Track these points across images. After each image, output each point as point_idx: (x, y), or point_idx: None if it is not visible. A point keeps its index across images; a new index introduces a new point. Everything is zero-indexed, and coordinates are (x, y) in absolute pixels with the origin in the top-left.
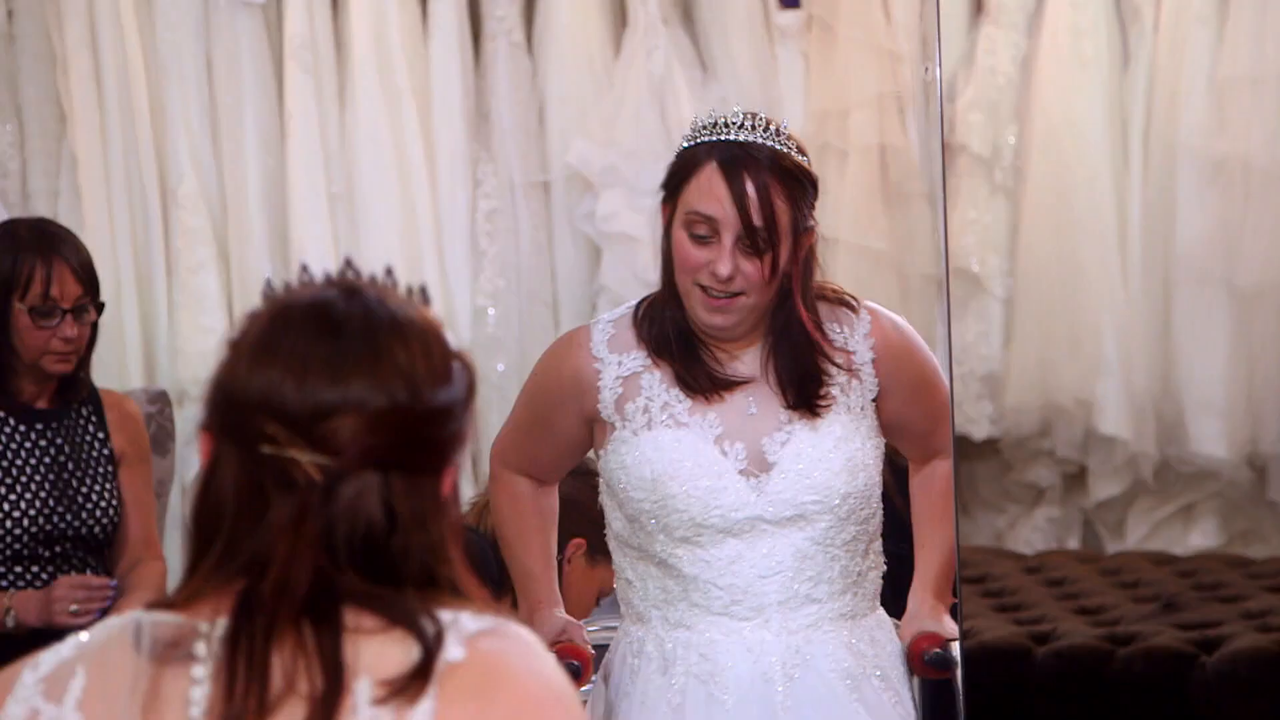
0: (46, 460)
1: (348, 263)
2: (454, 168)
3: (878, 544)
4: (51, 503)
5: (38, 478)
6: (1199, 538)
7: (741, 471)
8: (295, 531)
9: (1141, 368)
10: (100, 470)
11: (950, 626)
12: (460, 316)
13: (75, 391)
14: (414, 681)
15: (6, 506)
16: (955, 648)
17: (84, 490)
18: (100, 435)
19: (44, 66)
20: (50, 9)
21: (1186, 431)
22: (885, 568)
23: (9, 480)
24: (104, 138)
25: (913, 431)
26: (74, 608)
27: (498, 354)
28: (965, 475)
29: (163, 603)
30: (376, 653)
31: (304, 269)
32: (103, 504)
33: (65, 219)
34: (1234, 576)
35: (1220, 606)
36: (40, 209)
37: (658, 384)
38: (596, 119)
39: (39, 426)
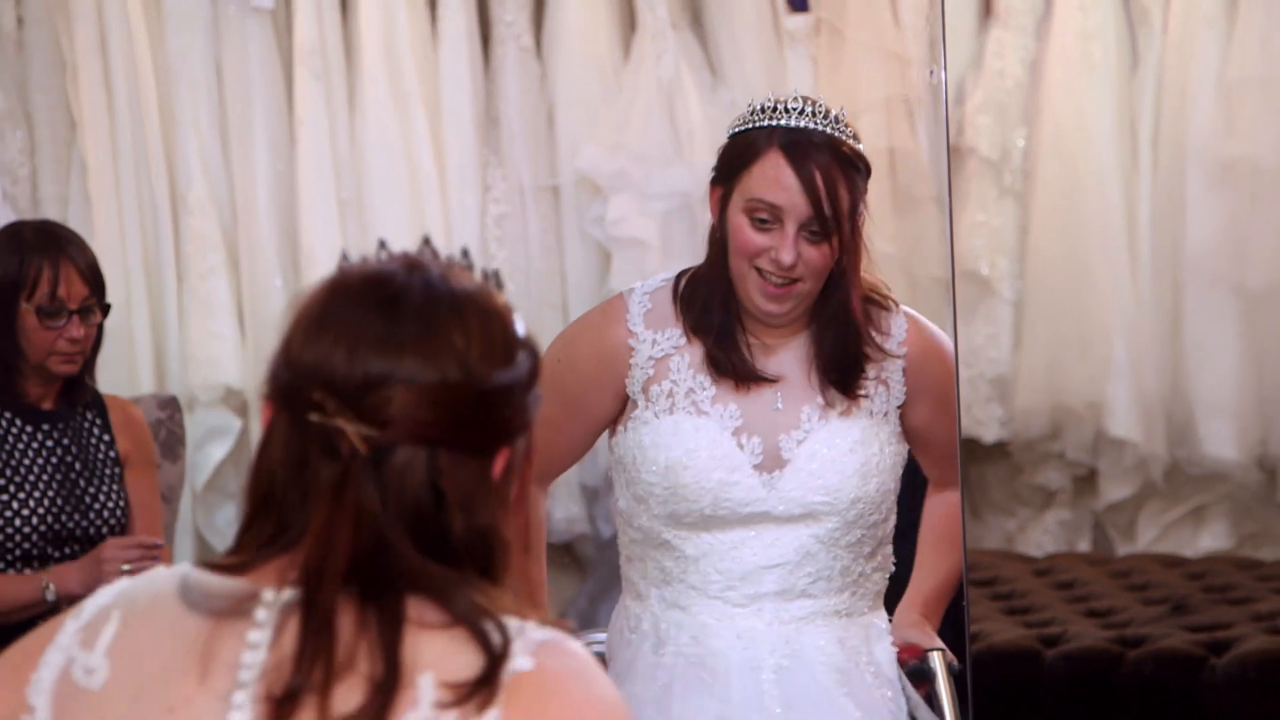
0: (54, 461)
1: (426, 240)
2: (463, 173)
3: (887, 548)
4: (60, 503)
5: (45, 478)
6: (1209, 540)
7: (756, 466)
8: (335, 500)
9: (1151, 370)
10: (107, 472)
11: (932, 638)
12: None
13: (80, 394)
14: (481, 689)
15: (15, 505)
16: (936, 659)
17: (91, 491)
18: (105, 438)
19: (54, 73)
20: (60, 15)
21: (1196, 433)
22: (894, 569)
23: (17, 480)
24: (114, 144)
25: (934, 447)
26: (126, 566)
27: None
28: (975, 478)
29: (213, 565)
30: (441, 651)
31: (382, 244)
32: (110, 505)
33: (75, 225)
34: (1244, 579)
35: (1230, 608)
36: (51, 214)
37: (686, 368)
38: (606, 123)
39: (45, 427)
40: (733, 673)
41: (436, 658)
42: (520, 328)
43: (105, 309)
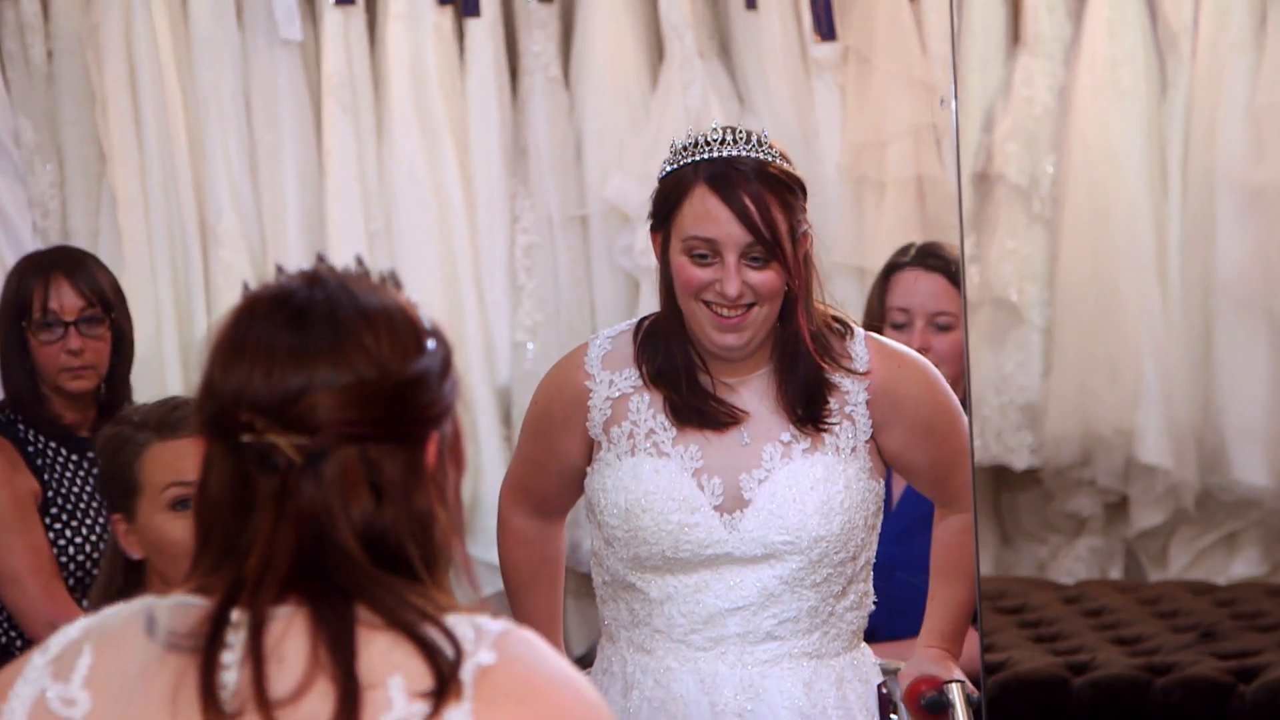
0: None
1: (319, 257)
2: (492, 203)
3: (862, 585)
4: (103, 530)
5: (94, 506)
6: (1242, 566)
7: (717, 508)
8: (278, 510)
9: (1182, 396)
10: None
11: (950, 670)
12: (499, 351)
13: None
14: (448, 686)
15: (69, 534)
16: (955, 691)
17: None
18: None
19: (84, 106)
20: (90, 49)
21: (1228, 459)
22: (874, 607)
23: (68, 508)
24: (143, 177)
25: (919, 475)
26: None
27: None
28: (1007, 505)
29: (176, 593)
30: (405, 653)
31: (279, 269)
32: None
33: (105, 258)
34: (1274, 605)
35: (1259, 635)
36: (81, 247)
37: (646, 408)
38: (634, 153)
39: (89, 455)
40: (694, 717)
41: (401, 660)
42: (426, 320)
43: (117, 324)
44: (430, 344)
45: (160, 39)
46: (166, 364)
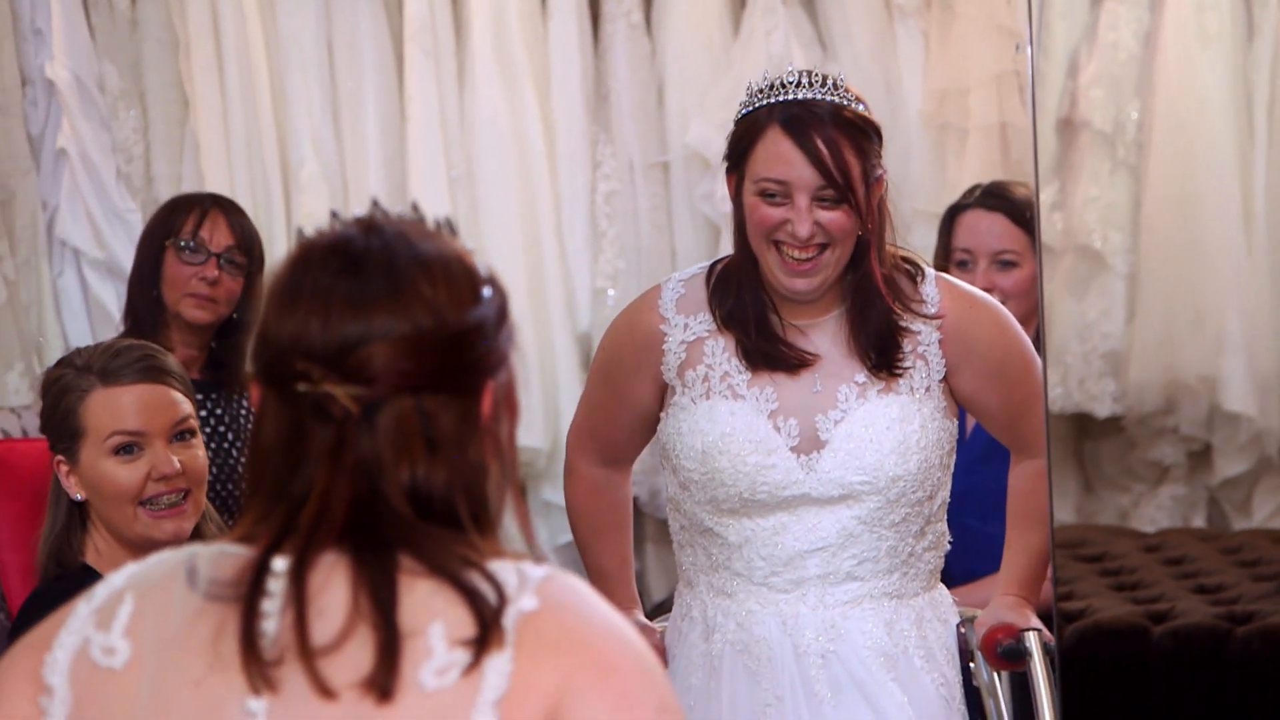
0: (206, 430)
1: (374, 203)
2: (573, 149)
3: (939, 525)
4: (215, 470)
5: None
6: None
7: (793, 449)
8: (334, 461)
9: (1266, 344)
10: None
11: (1028, 618)
12: (580, 298)
13: (228, 373)
14: (487, 639)
15: None
16: (1031, 639)
17: (244, 461)
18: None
19: (167, 53)
20: None
21: None
22: (950, 546)
23: None
24: (226, 123)
25: (992, 418)
26: None
27: None
28: (1089, 453)
29: (220, 541)
30: (445, 601)
31: (334, 215)
32: None
33: None
34: None
35: None
36: (164, 193)
37: (720, 351)
38: (714, 99)
39: (198, 396)
40: (778, 659)
41: (442, 607)
42: (482, 268)
43: (252, 275)
44: (486, 292)
45: None
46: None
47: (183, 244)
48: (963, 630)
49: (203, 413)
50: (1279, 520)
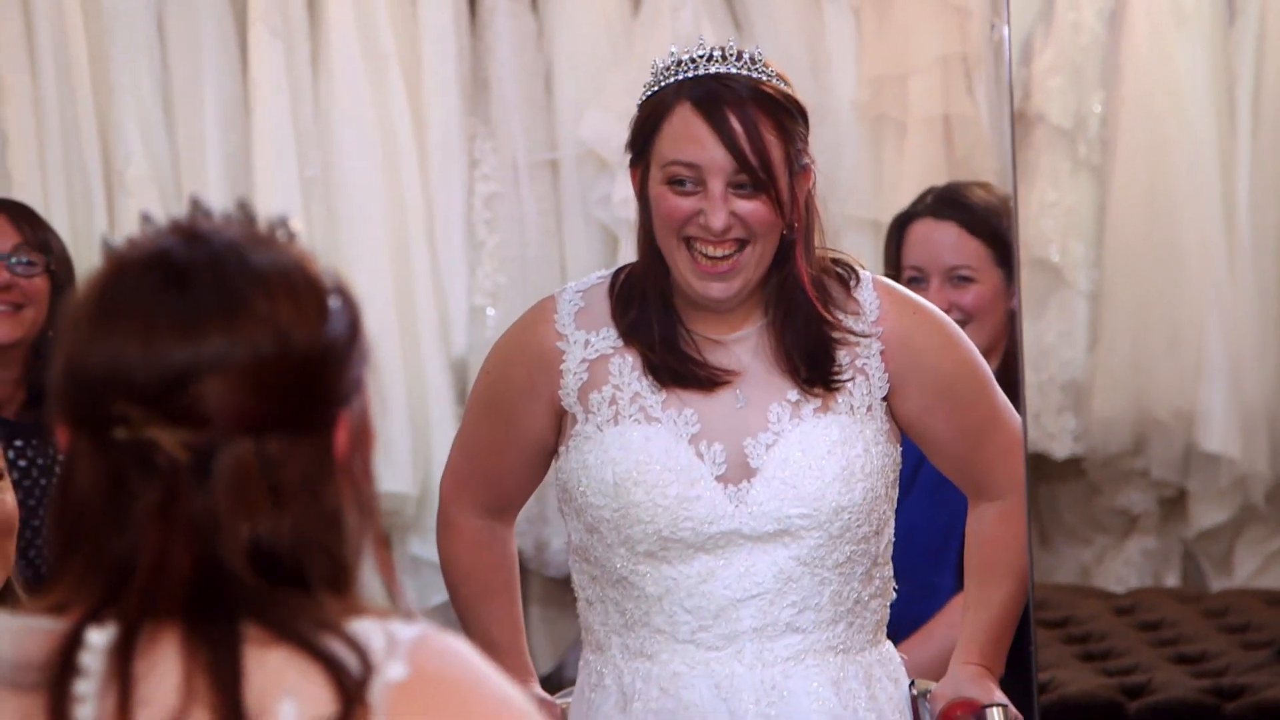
0: (25, 482)
1: (194, 203)
2: (447, 145)
3: (885, 570)
4: (34, 526)
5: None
6: None
7: (719, 478)
8: (164, 521)
9: (1251, 372)
10: None
11: (991, 692)
12: (455, 318)
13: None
14: (352, 711)
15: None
16: (996, 715)
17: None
18: None
19: None
20: None
21: None
22: (896, 595)
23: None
24: (38, 112)
25: (941, 450)
26: None
27: None
28: (1045, 500)
29: (26, 610)
30: (298, 675)
31: (145, 218)
32: None
33: None
34: None
35: None
36: None
37: (629, 370)
38: (613, 87)
39: (16, 444)
40: None
41: (296, 681)
42: (326, 276)
43: (54, 275)
44: (334, 303)
45: None
46: None
47: None
48: (914, 685)
49: (22, 462)
50: (1266, 579)
